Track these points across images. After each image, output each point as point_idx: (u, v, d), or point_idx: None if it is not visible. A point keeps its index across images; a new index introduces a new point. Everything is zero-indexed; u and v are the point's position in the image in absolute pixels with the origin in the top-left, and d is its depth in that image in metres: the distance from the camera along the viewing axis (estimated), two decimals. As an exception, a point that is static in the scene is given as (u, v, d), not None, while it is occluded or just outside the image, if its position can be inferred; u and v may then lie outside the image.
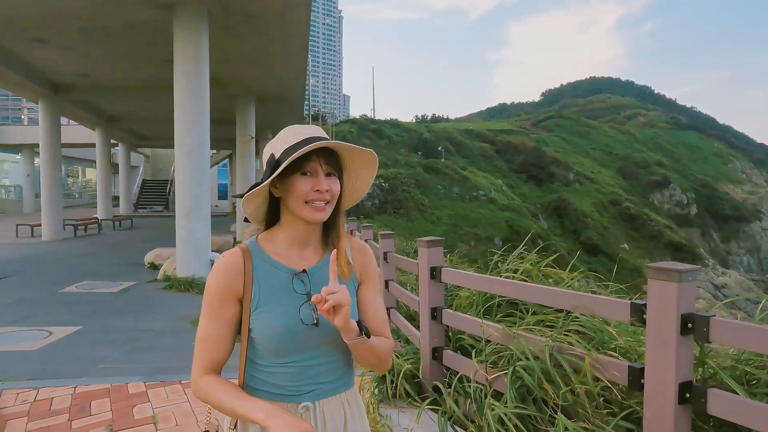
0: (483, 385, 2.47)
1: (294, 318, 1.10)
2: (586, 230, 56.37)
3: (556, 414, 2.04)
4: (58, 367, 4.30)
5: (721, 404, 1.79)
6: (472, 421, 2.54)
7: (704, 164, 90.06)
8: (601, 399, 2.16)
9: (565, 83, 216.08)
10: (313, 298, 0.99)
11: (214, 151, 30.34)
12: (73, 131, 22.39)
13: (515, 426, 2.15)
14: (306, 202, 1.10)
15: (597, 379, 2.15)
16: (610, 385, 2.13)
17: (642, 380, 1.96)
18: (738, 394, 1.79)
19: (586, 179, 70.30)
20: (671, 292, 1.86)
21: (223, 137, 17.94)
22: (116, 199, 25.87)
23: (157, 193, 31.47)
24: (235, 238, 13.22)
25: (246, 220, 1.24)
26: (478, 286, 2.83)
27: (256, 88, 13.15)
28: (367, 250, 1.27)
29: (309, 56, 13.05)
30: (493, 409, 2.23)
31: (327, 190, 1.11)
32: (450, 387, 2.79)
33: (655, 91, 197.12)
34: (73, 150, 27.14)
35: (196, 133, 7.69)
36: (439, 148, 64.57)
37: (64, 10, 7.98)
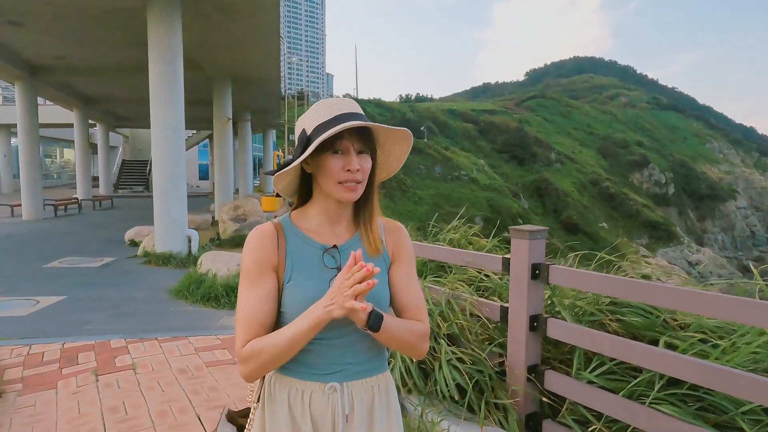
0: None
1: (323, 291, 1.06)
2: (566, 209, 57.47)
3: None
4: (47, 329, 4.79)
5: (556, 329, 2.39)
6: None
7: (683, 144, 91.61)
8: (482, 332, 2.77)
9: (549, 63, 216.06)
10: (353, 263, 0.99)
11: (194, 132, 30.35)
12: (51, 111, 22.31)
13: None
14: (339, 183, 1.09)
15: (478, 317, 2.76)
16: (487, 322, 2.75)
17: (507, 315, 2.58)
18: (567, 320, 2.41)
19: (568, 159, 71.27)
20: (524, 247, 2.45)
21: (201, 118, 18.16)
22: (96, 179, 25.90)
23: (136, 174, 31.45)
24: (213, 217, 13.65)
25: (278, 195, 1.47)
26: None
27: (232, 70, 13.44)
28: (402, 230, 1.24)
29: (282, 40, 13.32)
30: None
31: (358, 170, 1.09)
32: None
33: (638, 71, 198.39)
34: (51, 130, 26.97)
35: (170, 116, 8.08)
36: (422, 128, 64.81)
37: (39, -6, 8.24)
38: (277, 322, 1.12)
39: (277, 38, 10.78)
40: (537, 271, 2.43)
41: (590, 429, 2.24)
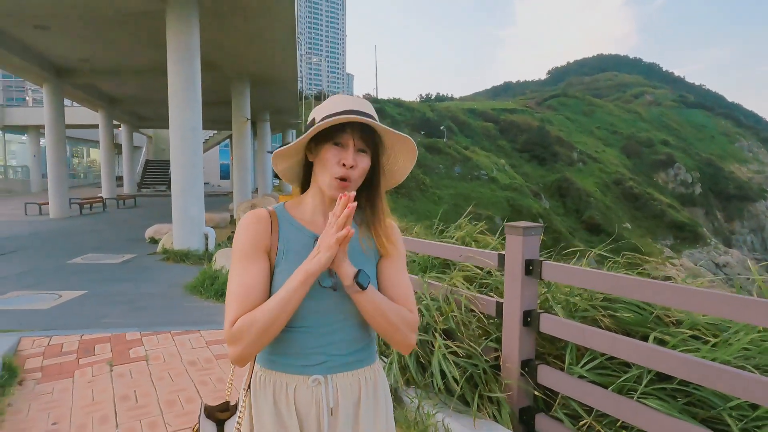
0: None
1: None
2: (588, 210, 56.62)
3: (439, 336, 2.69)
4: (67, 321, 4.98)
5: (548, 324, 2.42)
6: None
7: (710, 143, 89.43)
8: (479, 327, 2.81)
9: (571, 61, 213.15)
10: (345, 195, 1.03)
11: (215, 132, 30.86)
12: (77, 112, 22.95)
13: (419, 348, 2.81)
14: (334, 178, 1.11)
15: (473, 312, 2.80)
16: (483, 317, 2.79)
17: (502, 311, 2.62)
18: (559, 316, 2.43)
19: (590, 158, 70.21)
20: (518, 243, 2.49)
21: (221, 118, 18.46)
22: (120, 179, 26.55)
23: (160, 173, 32.09)
24: (232, 216, 13.89)
25: (276, 177, 1.45)
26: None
27: (250, 71, 13.66)
28: (393, 226, 1.25)
29: (299, 41, 13.47)
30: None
31: (352, 166, 1.10)
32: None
33: (664, 69, 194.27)
34: (78, 131, 27.71)
35: (188, 117, 8.28)
36: (441, 128, 64.61)
37: (64, 1, 8.52)
38: None
39: (293, 38, 10.93)
40: (530, 267, 2.46)
41: (581, 423, 2.27)
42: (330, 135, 1.10)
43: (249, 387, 1.17)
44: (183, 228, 8.51)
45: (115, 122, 22.67)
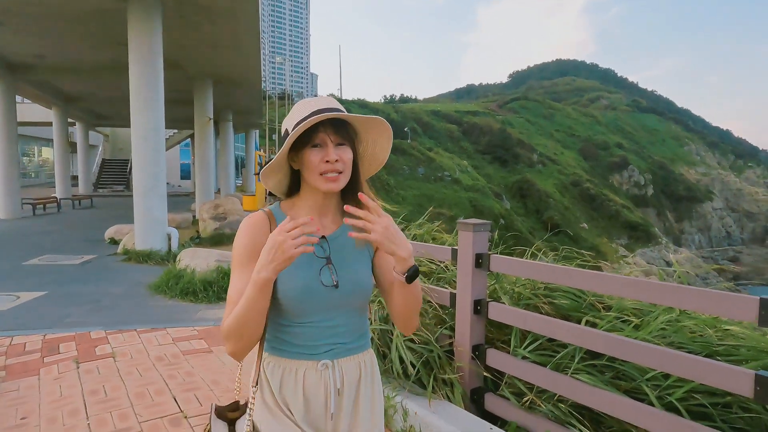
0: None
1: (314, 280, 1.16)
2: (548, 210, 58.25)
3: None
4: (28, 322, 4.94)
5: (496, 312, 2.68)
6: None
7: (662, 146, 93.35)
8: (435, 316, 3.05)
9: (532, 65, 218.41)
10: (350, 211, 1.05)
11: (176, 131, 30.25)
12: (29, 110, 22.11)
13: (378, 338, 3.01)
14: (321, 174, 1.14)
15: (429, 302, 3.03)
16: (439, 307, 3.03)
17: (455, 300, 2.86)
18: (505, 304, 2.69)
19: (549, 160, 72.19)
20: (469, 239, 2.73)
21: (183, 117, 18.20)
22: (75, 178, 25.68)
23: (117, 173, 31.22)
24: (194, 216, 13.75)
25: (271, 194, 1.30)
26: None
27: (213, 71, 13.57)
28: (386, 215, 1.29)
29: (263, 43, 13.49)
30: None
31: (337, 160, 1.14)
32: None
33: (618, 75, 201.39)
34: (29, 129, 26.66)
35: (150, 116, 8.23)
36: (405, 129, 65.15)
37: (18, -4, 8.32)
38: (271, 310, 1.17)
39: (257, 40, 10.97)
40: (480, 260, 2.71)
41: (525, 399, 2.53)
42: (307, 139, 1.14)
43: (257, 383, 1.20)
44: (145, 228, 8.45)
45: (69, 120, 21.94)
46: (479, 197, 55.61)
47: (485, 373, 2.72)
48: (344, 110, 1.19)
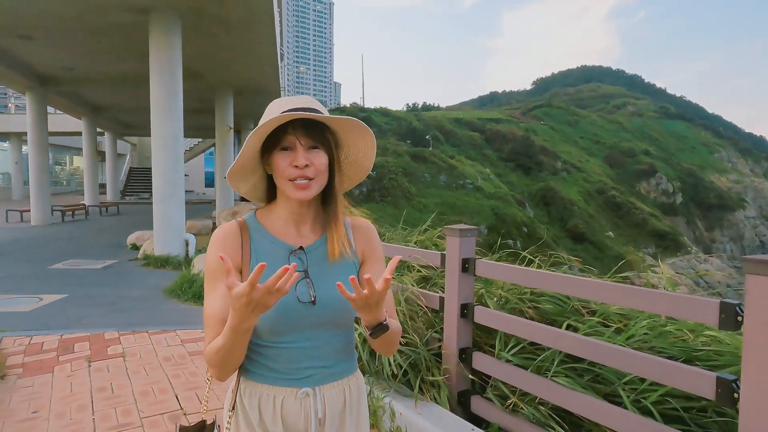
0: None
1: (290, 295, 1.04)
2: (572, 218, 57.41)
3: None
4: (48, 322, 5.18)
5: (482, 316, 2.73)
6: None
7: (691, 153, 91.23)
8: (426, 320, 3.11)
9: (556, 72, 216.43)
10: (342, 289, 0.92)
11: (200, 140, 30.97)
12: (60, 120, 22.97)
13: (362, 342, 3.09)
14: (290, 180, 1.06)
15: (420, 306, 3.10)
16: (428, 311, 3.09)
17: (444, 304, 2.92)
18: (491, 308, 2.75)
19: (574, 168, 71.19)
20: (456, 244, 2.80)
21: (206, 126, 18.67)
22: (103, 186, 26.50)
23: (143, 181, 32.00)
24: (214, 223, 14.06)
25: (243, 199, 1.49)
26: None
27: (233, 80, 13.93)
28: (370, 229, 1.22)
29: (281, 52, 13.80)
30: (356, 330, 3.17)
31: (307, 165, 1.05)
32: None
33: (645, 81, 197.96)
34: (61, 138, 27.67)
35: (170, 125, 8.53)
36: (427, 137, 65.24)
37: (49, 12, 8.73)
38: None
39: (274, 50, 11.25)
40: (467, 265, 2.77)
41: (509, 402, 2.57)
42: (276, 141, 1.06)
43: (233, 408, 1.14)
44: (164, 234, 8.72)
45: (98, 130, 22.71)
46: (501, 205, 55.12)
47: (472, 377, 2.77)
48: (323, 111, 1.09)
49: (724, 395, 1.66)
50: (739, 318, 1.63)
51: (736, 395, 1.63)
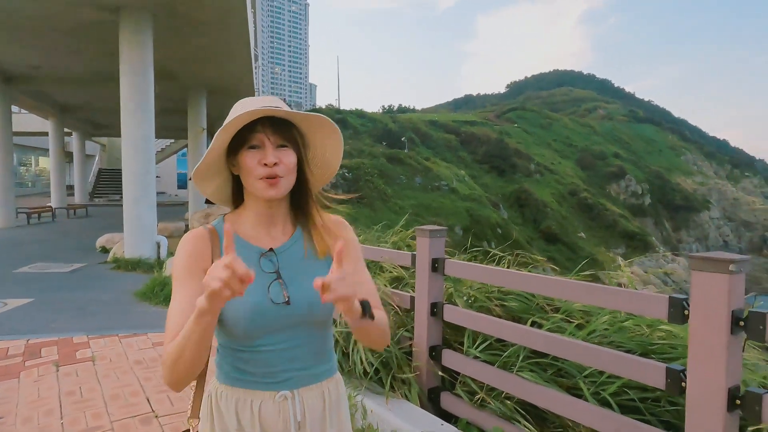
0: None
1: (262, 297, 1.04)
2: (545, 220, 58.48)
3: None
4: (13, 327, 5.05)
5: (451, 314, 2.80)
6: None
7: (659, 156, 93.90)
8: (397, 319, 3.17)
9: (529, 75, 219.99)
10: (315, 282, 0.88)
11: (172, 141, 30.45)
12: (25, 120, 22.29)
13: (342, 339, 3.14)
14: (259, 179, 1.04)
15: (392, 305, 3.16)
16: (399, 310, 3.15)
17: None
18: (459, 307, 2.83)
19: (547, 170, 72.53)
20: (425, 244, 2.87)
21: (178, 127, 18.39)
22: (71, 188, 25.82)
23: (113, 182, 31.26)
24: (187, 225, 13.87)
25: (208, 201, 1.20)
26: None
27: (206, 81, 13.79)
28: (342, 224, 1.20)
29: (255, 53, 13.74)
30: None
31: (276, 163, 1.04)
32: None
33: (615, 85, 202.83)
34: (26, 138, 26.85)
35: (141, 126, 8.40)
36: (403, 139, 65.52)
37: (14, 10, 8.51)
38: (218, 328, 1.07)
39: (248, 51, 11.18)
40: (436, 265, 2.84)
41: (476, 397, 2.65)
42: (243, 140, 1.05)
43: (196, 416, 1.14)
44: (135, 236, 8.58)
45: (66, 130, 22.12)
46: (476, 207, 55.74)
47: (441, 373, 2.84)
48: (286, 108, 1.07)
49: (673, 385, 1.77)
50: (686, 312, 1.73)
51: (683, 384, 1.74)
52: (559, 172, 73.71)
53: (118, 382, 3.60)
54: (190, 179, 1.20)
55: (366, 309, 0.98)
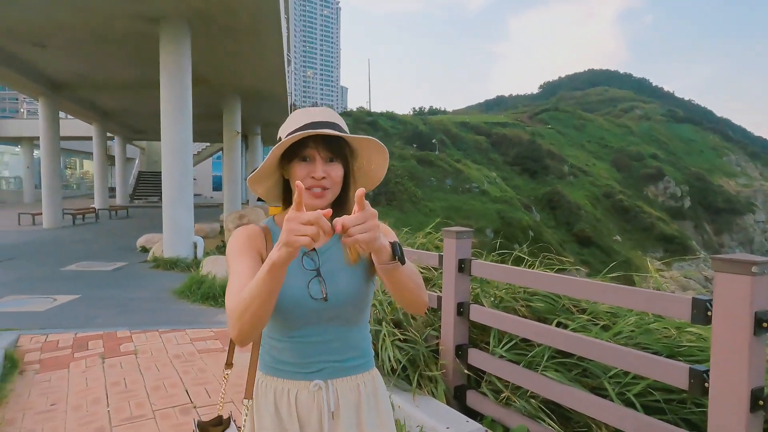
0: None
1: (302, 291, 1.12)
2: (579, 222, 57.31)
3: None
4: (62, 322, 5.36)
5: (477, 314, 2.86)
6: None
7: (699, 157, 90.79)
8: (426, 318, 3.25)
9: (563, 75, 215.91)
10: (335, 224, 0.91)
11: (208, 145, 31.29)
12: (71, 125, 23.34)
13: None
14: (306, 189, 1.10)
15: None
16: (428, 311, 3.23)
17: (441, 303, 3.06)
18: (485, 306, 2.88)
19: (581, 172, 71.08)
20: (452, 245, 2.94)
21: (214, 131, 18.90)
22: (113, 190, 26.85)
23: (152, 184, 32.35)
24: (221, 227, 14.27)
25: (259, 200, 1.29)
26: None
27: (240, 86, 14.17)
28: (385, 229, 1.23)
29: (288, 58, 14.04)
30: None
31: (324, 177, 1.11)
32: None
33: (653, 84, 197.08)
34: (72, 143, 28.09)
35: (179, 131, 8.74)
36: (433, 141, 65.35)
37: (62, 22, 8.98)
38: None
39: (281, 56, 11.46)
40: (463, 265, 2.91)
41: (501, 396, 2.70)
42: (297, 151, 1.12)
43: (252, 397, 1.21)
44: (173, 237, 8.91)
45: (108, 134, 23.04)
46: (507, 209, 55.07)
47: (467, 372, 2.90)
48: (341, 124, 1.16)
49: (696, 385, 1.79)
50: (709, 313, 1.75)
51: (706, 385, 1.75)
52: (593, 174, 72.12)
53: (159, 375, 3.79)
54: (245, 180, 1.27)
55: (396, 250, 1.00)
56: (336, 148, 1.13)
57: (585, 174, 71.25)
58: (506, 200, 56.63)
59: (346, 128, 1.16)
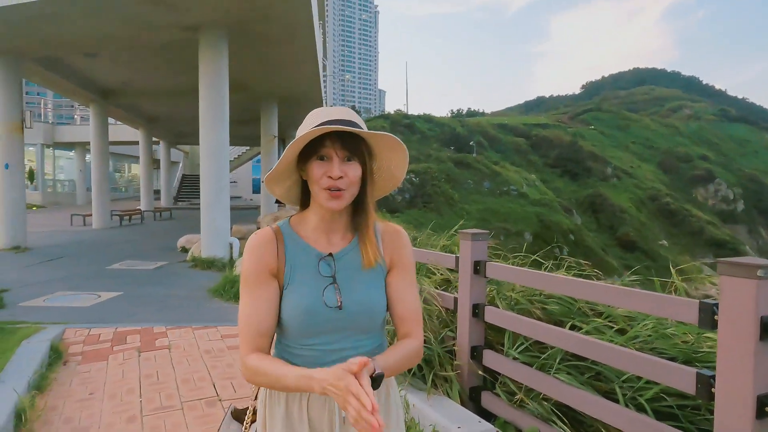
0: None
1: (317, 299, 1.10)
2: (622, 226, 55.54)
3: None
4: (105, 317, 5.66)
5: (492, 315, 2.88)
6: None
7: (754, 158, 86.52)
8: (442, 319, 3.28)
9: (606, 75, 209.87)
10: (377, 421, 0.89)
11: (247, 149, 32.11)
12: (120, 130, 24.46)
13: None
14: (323, 189, 1.09)
15: (438, 307, 3.28)
16: (442, 311, 3.26)
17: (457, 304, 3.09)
18: (499, 307, 2.89)
19: (625, 174, 68.93)
20: (468, 247, 2.97)
21: (253, 135, 19.42)
22: (158, 192, 27.93)
23: (195, 187, 33.43)
24: (257, 227, 14.65)
25: (278, 201, 1.62)
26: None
27: (277, 91, 14.53)
28: (401, 235, 1.23)
29: (325, 62, 14.30)
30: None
31: (341, 177, 1.08)
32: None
33: (704, 82, 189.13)
34: (120, 147, 29.38)
35: (216, 136, 9.06)
36: (471, 143, 64.81)
37: (110, 34, 9.49)
38: (278, 324, 1.15)
39: (316, 63, 11.70)
40: (478, 267, 2.93)
41: (515, 397, 2.71)
42: (314, 150, 1.10)
43: (257, 398, 1.23)
44: (210, 238, 9.23)
45: (154, 139, 24.01)
46: (547, 212, 53.95)
47: (482, 373, 2.92)
48: (360, 123, 1.12)
49: (702, 390, 1.76)
50: (716, 317, 1.73)
51: (713, 390, 1.73)
52: (638, 176, 69.78)
53: (189, 368, 3.97)
54: (263, 182, 1.34)
55: (374, 380, 0.99)
56: (353, 146, 1.11)
57: (629, 176, 69.01)
58: (546, 203, 55.47)
59: (364, 127, 1.12)
